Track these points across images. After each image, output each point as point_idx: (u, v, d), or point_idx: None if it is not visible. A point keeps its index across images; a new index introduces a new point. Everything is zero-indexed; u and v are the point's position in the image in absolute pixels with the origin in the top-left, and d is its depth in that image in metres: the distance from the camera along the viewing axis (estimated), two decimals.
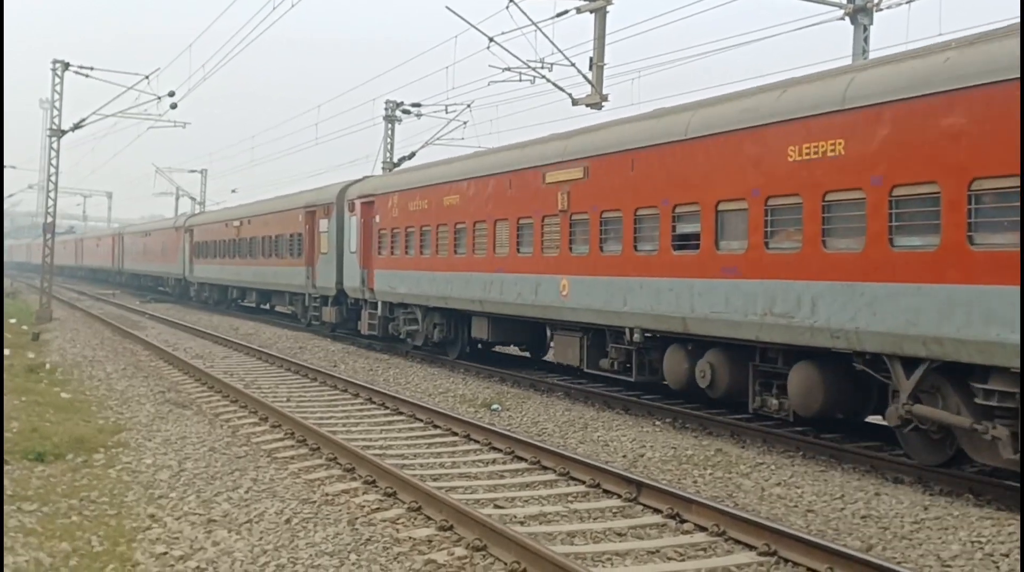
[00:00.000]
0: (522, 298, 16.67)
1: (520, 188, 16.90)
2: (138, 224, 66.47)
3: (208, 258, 41.42)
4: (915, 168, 9.61)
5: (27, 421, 12.56)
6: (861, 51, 19.90)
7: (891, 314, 9.72)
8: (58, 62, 32.85)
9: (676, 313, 12.94)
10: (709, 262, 12.35)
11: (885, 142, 9.91)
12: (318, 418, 13.69)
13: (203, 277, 42.64)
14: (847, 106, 10.40)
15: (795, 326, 11.03)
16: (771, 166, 11.36)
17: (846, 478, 10.27)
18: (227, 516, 8.45)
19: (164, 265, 49.91)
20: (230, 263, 37.63)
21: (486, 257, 18.00)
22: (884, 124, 9.94)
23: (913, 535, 8.23)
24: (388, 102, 34.70)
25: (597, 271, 14.63)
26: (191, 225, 44.77)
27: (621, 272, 14.05)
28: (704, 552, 7.70)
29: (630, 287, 13.82)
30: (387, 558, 7.28)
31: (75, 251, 76.35)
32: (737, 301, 11.86)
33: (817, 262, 10.74)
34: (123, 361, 20.89)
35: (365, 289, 23.73)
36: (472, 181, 18.82)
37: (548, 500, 9.27)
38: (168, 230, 49.13)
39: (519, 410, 14.83)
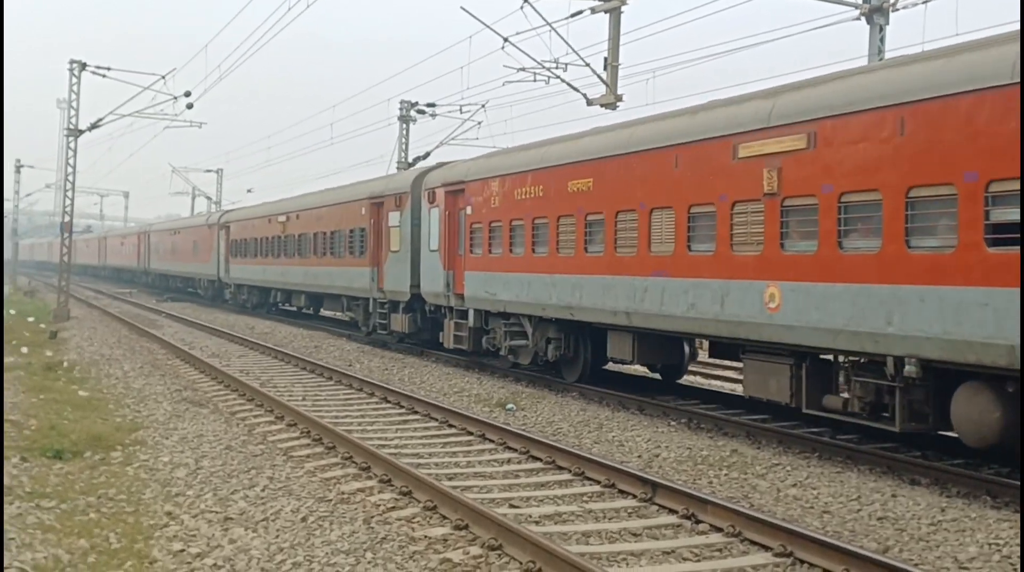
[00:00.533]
0: (697, 311, 12.84)
1: (693, 165, 13.01)
2: (166, 221, 63.62)
3: (247, 257, 37.53)
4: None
5: (45, 419, 12.66)
6: (877, 51, 19.83)
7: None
8: (75, 62, 33.04)
9: (995, 339, 9.03)
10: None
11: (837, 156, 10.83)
12: (333, 417, 13.73)
13: (241, 278, 38.68)
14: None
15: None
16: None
17: (862, 479, 10.23)
18: (244, 514, 8.49)
19: (196, 265, 45.86)
20: (274, 263, 33.78)
21: (636, 256, 14.08)
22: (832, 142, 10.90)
23: (930, 537, 8.20)
24: (403, 102, 34.80)
25: (833, 276, 10.82)
26: (227, 221, 40.82)
27: (882, 278, 10.19)
28: (720, 553, 7.69)
29: (902, 299, 9.96)
30: (403, 557, 7.30)
31: (98, 250, 73.79)
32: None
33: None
34: (140, 359, 21.00)
35: (450, 294, 19.92)
36: (613, 160, 14.74)
37: (563, 500, 9.28)
38: (200, 227, 45.03)
39: (534, 410, 14.84)
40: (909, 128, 9.97)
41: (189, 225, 48.93)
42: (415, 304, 22.22)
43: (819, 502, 9.34)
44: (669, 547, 7.75)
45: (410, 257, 21.96)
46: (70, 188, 34.08)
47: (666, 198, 13.55)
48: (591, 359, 16.65)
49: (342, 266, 26.85)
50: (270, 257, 34.33)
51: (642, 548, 7.71)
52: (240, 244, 38.55)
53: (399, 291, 22.70)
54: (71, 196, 34.17)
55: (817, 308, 11.01)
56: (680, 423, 13.65)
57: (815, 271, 11.09)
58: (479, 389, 17.08)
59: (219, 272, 41.67)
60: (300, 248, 30.97)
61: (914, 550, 7.84)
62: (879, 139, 10.30)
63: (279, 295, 35.39)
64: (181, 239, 48.65)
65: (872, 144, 10.39)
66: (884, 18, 20.05)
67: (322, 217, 29.06)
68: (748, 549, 7.75)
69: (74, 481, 9.64)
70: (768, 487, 9.94)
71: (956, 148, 9.43)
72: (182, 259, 48.54)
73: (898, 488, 9.83)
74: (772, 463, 11.00)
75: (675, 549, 7.71)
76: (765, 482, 10.15)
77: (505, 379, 18.34)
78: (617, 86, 19.88)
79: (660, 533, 8.20)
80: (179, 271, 50.02)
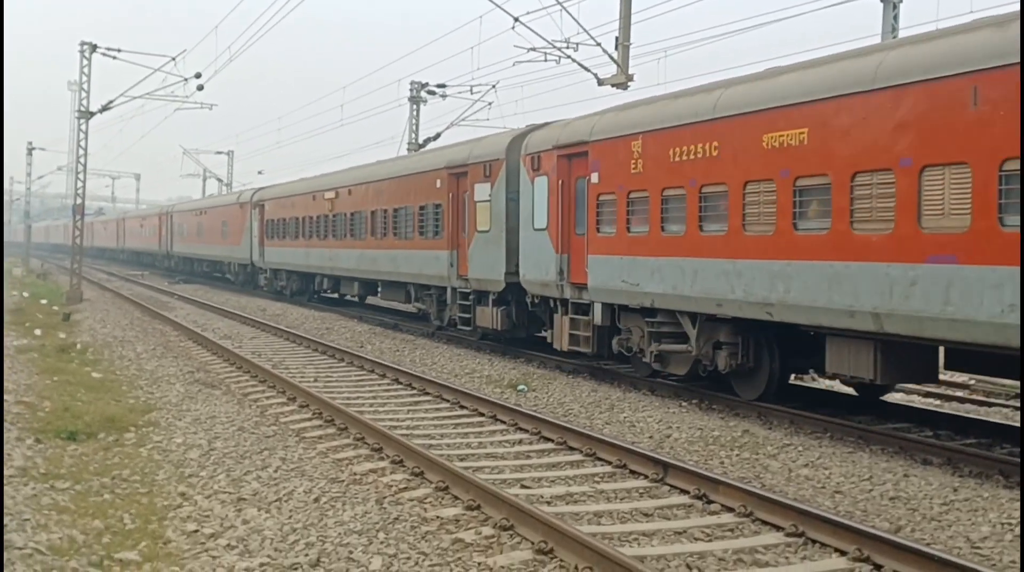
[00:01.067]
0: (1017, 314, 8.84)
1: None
2: (190, 201, 59.52)
3: (287, 239, 33.77)
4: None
5: (59, 400, 12.74)
6: (891, 29, 19.67)
7: None
8: (86, 44, 33.06)
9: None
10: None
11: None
12: (345, 398, 13.77)
13: (279, 262, 34.89)
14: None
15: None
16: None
17: (874, 459, 10.22)
18: (257, 495, 8.53)
19: (225, 248, 41.71)
20: (319, 245, 30.12)
21: (892, 234, 10.14)
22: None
23: (942, 516, 8.19)
24: (413, 83, 34.73)
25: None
26: (261, 199, 37.01)
27: None
28: (731, 533, 7.70)
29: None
30: (415, 537, 7.32)
31: (117, 232, 70.71)
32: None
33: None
34: (153, 341, 21.09)
35: (565, 283, 16.20)
36: (851, 100, 10.72)
37: (575, 480, 9.29)
38: (230, 206, 40.79)
39: (545, 391, 14.85)
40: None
41: (216, 204, 44.97)
42: (510, 295, 18.68)
43: (831, 482, 9.34)
44: (681, 527, 7.76)
45: (505, 238, 18.44)
46: (82, 170, 34.16)
47: (956, 151, 9.56)
48: (778, 371, 13.11)
49: (409, 249, 23.17)
50: (315, 238, 30.67)
51: (654, 528, 7.72)
52: (277, 224, 34.85)
53: (489, 279, 19.01)
54: (83, 178, 34.25)
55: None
56: (691, 404, 13.64)
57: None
58: (490, 370, 17.10)
59: (252, 256, 37.94)
60: (353, 228, 27.25)
61: (926, 530, 7.83)
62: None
63: (325, 281, 31.37)
64: (208, 220, 44.59)
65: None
66: None
67: (383, 192, 25.19)
68: (760, 529, 7.75)
69: (88, 462, 9.70)
70: (780, 467, 9.93)
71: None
72: (210, 242, 44.53)
73: (910, 468, 9.81)
74: (784, 443, 10.99)
75: (687, 529, 7.71)
76: (777, 462, 10.15)
77: (516, 360, 18.35)
78: (628, 66, 19.78)
79: (672, 513, 8.21)
80: (206, 254, 45.88)
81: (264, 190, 38.58)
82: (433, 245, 21.68)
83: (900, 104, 10.17)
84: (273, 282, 36.57)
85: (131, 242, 66.63)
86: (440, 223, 21.33)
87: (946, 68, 9.71)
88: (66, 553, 6.84)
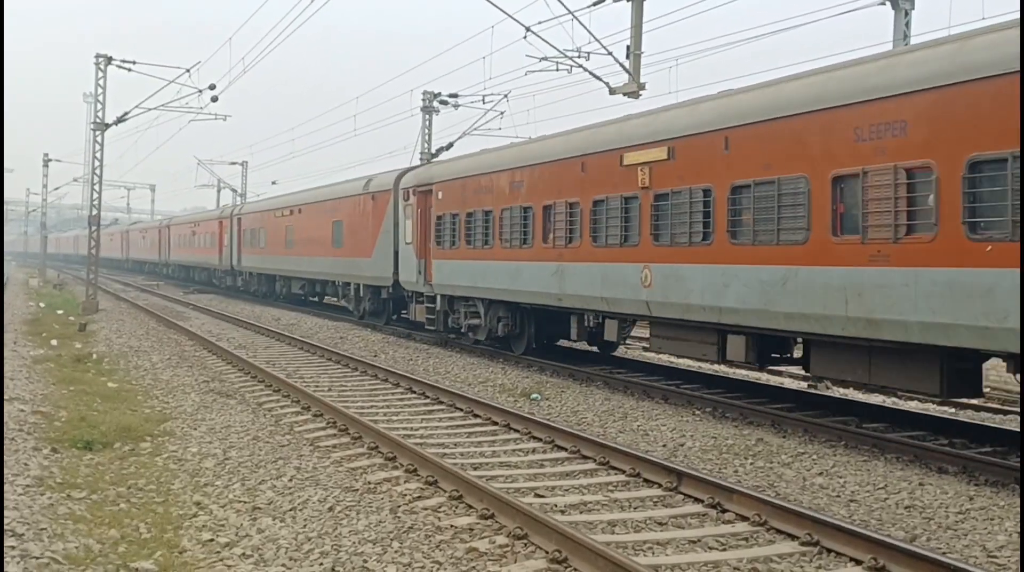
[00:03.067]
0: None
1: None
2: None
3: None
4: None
5: (75, 410, 12.81)
6: (903, 36, 19.63)
7: None
8: (101, 56, 33.29)
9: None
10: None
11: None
12: (359, 407, 13.80)
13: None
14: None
15: None
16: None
17: (889, 468, 10.18)
18: (271, 504, 8.56)
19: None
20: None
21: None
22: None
23: (958, 525, 8.15)
24: (425, 93, 34.82)
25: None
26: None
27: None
28: (746, 542, 7.68)
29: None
30: (429, 546, 7.33)
31: (158, 242, 63.14)
32: None
33: None
34: (168, 351, 21.19)
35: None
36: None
37: (588, 489, 9.29)
38: (354, 198, 29.11)
39: (558, 400, 14.85)
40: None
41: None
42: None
43: (846, 491, 9.31)
44: (695, 536, 7.75)
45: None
46: (97, 181, 34.38)
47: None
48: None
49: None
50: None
51: (668, 537, 7.71)
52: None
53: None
54: (98, 189, 34.47)
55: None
56: (705, 412, 13.62)
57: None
58: (503, 379, 17.11)
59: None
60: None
61: (942, 539, 7.80)
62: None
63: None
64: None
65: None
66: (909, 3, 19.84)
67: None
68: (774, 538, 7.73)
69: (104, 472, 9.75)
70: (794, 476, 9.91)
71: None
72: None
73: (925, 476, 9.77)
74: (798, 452, 10.96)
75: (701, 538, 7.70)
76: (791, 471, 10.12)
77: (529, 369, 18.37)
78: (640, 74, 19.78)
79: (686, 522, 8.20)
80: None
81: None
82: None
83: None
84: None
85: (178, 254, 67.51)
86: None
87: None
88: (82, 562, 6.87)
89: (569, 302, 16.94)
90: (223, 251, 45.90)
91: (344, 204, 29.69)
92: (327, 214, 31.27)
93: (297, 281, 35.82)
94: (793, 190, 11.65)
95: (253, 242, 41.44)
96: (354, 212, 28.48)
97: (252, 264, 41.91)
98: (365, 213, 27.50)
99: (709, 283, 13.06)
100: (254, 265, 41.65)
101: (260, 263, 40.61)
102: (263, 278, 40.95)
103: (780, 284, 11.77)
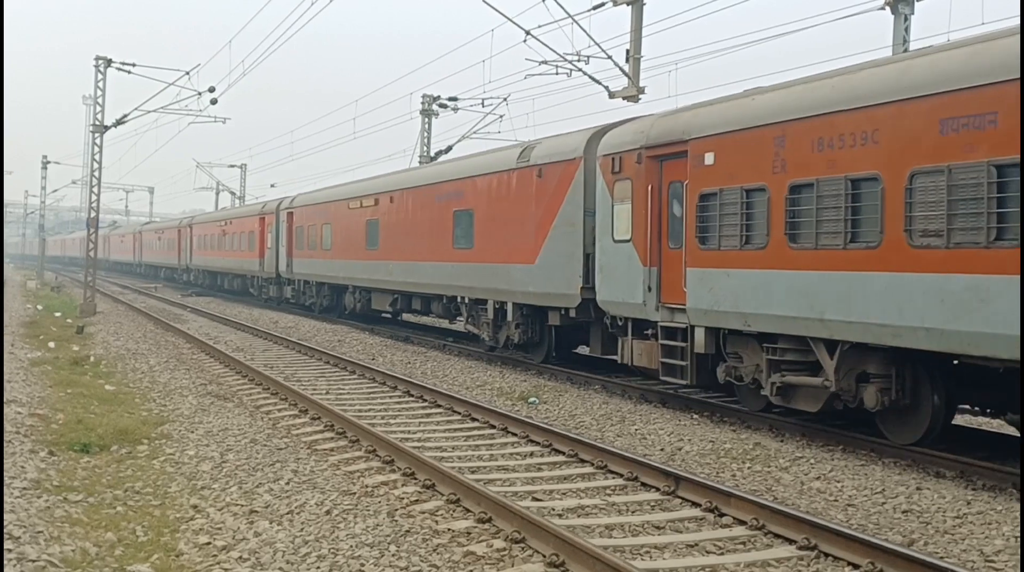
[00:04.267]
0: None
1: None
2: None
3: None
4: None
5: (72, 413, 12.80)
6: (902, 41, 19.64)
7: None
8: (101, 59, 33.27)
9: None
10: None
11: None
12: (357, 410, 13.79)
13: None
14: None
15: None
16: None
17: (887, 472, 10.17)
18: (269, 507, 8.55)
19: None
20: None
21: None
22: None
23: (955, 530, 8.15)
24: (425, 96, 34.79)
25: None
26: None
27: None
28: (744, 546, 7.68)
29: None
30: (426, 549, 7.33)
31: (177, 244, 54.62)
32: None
33: None
34: (165, 354, 21.17)
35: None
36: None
37: (586, 493, 9.28)
38: (496, 176, 20.25)
39: (556, 403, 14.84)
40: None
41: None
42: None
43: (843, 495, 9.30)
44: (693, 540, 7.74)
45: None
46: (96, 184, 34.35)
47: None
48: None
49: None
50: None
51: (666, 541, 7.71)
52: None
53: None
54: (97, 192, 34.43)
55: None
56: (703, 416, 13.61)
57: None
58: (501, 383, 17.10)
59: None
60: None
61: (939, 543, 7.80)
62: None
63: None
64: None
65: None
66: (909, 7, 19.82)
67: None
68: (772, 542, 7.73)
69: (101, 475, 9.74)
70: (792, 480, 9.90)
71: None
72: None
73: (923, 481, 9.77)
74: (795, 456, 10.96)
75: (699, 542, 7.70)
76: (789, 475, 10.11)
77: (527, 372, 18.35)
78: (639, 78, 19.82)
79: (683, 526, 8.19)
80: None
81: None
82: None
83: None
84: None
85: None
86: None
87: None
88: (79, 566, 6.87)
89: None
90: (266, 254, 37.08)
91: (476, 185, 20.62)
92: (442, 202, 22.30)
93: (383, 294, 26.73)
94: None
95: (311, 242, 32.28)
96: (497, 197, 19.62)
97: (309, 270, 32.72)
98: (520, 197, 18.71)
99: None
100: (312, 271, 32.44)
101: (323, 270, 31.34)
102: (325, 289, 31.92)
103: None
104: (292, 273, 34.41)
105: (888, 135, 10.22)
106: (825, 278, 10.97)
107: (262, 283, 38.92)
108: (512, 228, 18.86)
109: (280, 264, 35.58)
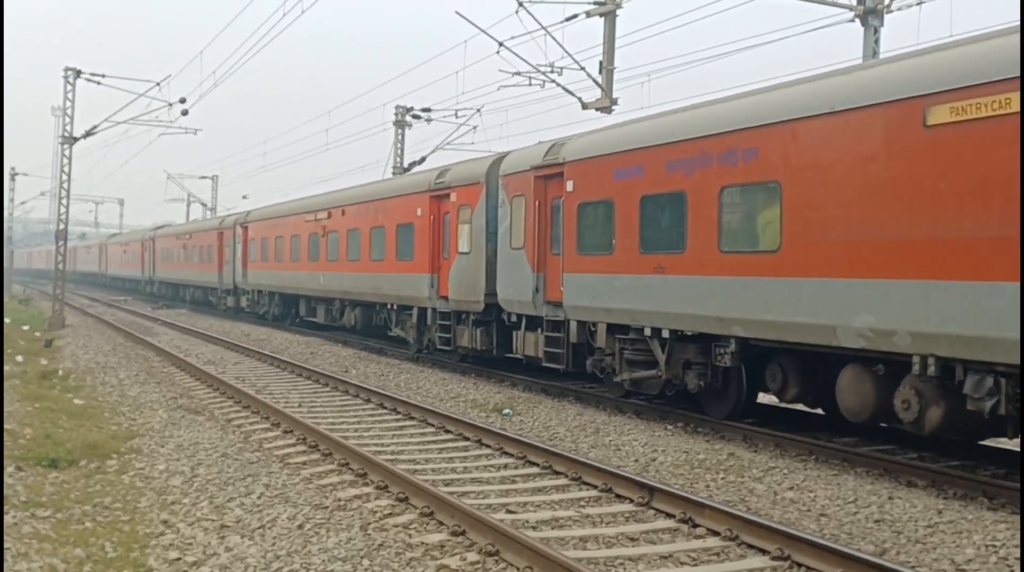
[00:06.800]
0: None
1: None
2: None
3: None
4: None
5: (40, 427, 12.62)
6: (872, 53, 19.85)
7: None
8: (70, 70, 33.03)
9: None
10: None
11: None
12: (329, 423, 13.71)
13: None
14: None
15: None
16: None
17: (859, 481, 10.22)
18: (240, 522, 8.46)
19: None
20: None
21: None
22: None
23: (927, 539, 8.19)
24: (398, 107, 34.78)
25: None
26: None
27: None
28: (717, 556, 7.68)
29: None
30: (399, 563, 7.28)
31: (140, 256, 56.05)
32: None
33: None
34: (135, 367, 20.96)
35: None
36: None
37: (560, 505, 9.26)
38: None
39: (530, 415, 14.82)
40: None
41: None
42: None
43: (816, 505, 9.34)
44: (667, 551, 7.74)
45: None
46: (65, 196, 34.04)
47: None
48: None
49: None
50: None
51: (639, 552, 7.70)
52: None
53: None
54: (66, 204, 34.12)
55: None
56: (677, 427, 13.63)
57: None
58: (475, 394, 17.06)
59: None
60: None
61: (911, 552, 7.84)
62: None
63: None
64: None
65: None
66: (879, 20, 20.07)
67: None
68: (745, 552, 7.74)
69: (69, 490, 9.61)
70: (765, 490, 9.93)
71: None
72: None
73: (895, 490, 9.83)
74: (769, 466, 10.99)
75: (672, 553, 7.69)
76: (762, 485, 10.14)
77: (502, 384, 18.32)
78: (612, 90, 19.90)
79: (657, 537, 8.19)
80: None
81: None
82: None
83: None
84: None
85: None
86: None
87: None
88: None
89: None
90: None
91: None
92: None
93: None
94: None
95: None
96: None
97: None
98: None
99: None
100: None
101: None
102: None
103: None
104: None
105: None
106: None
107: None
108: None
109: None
